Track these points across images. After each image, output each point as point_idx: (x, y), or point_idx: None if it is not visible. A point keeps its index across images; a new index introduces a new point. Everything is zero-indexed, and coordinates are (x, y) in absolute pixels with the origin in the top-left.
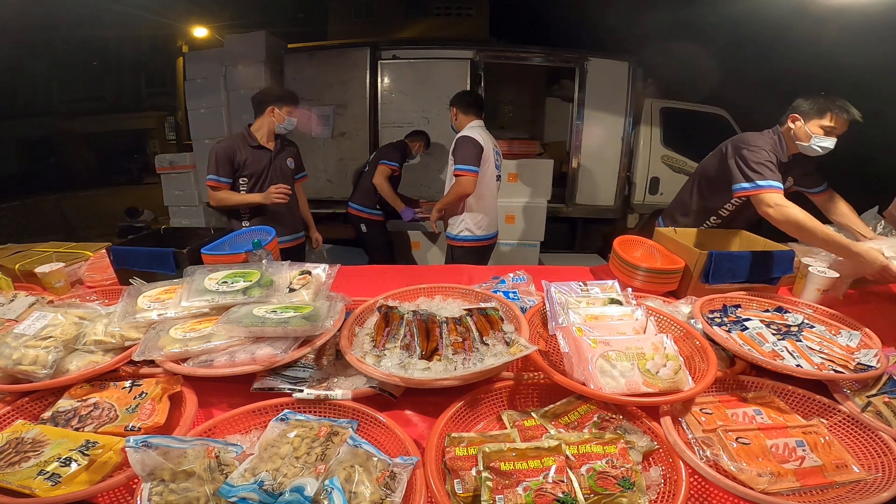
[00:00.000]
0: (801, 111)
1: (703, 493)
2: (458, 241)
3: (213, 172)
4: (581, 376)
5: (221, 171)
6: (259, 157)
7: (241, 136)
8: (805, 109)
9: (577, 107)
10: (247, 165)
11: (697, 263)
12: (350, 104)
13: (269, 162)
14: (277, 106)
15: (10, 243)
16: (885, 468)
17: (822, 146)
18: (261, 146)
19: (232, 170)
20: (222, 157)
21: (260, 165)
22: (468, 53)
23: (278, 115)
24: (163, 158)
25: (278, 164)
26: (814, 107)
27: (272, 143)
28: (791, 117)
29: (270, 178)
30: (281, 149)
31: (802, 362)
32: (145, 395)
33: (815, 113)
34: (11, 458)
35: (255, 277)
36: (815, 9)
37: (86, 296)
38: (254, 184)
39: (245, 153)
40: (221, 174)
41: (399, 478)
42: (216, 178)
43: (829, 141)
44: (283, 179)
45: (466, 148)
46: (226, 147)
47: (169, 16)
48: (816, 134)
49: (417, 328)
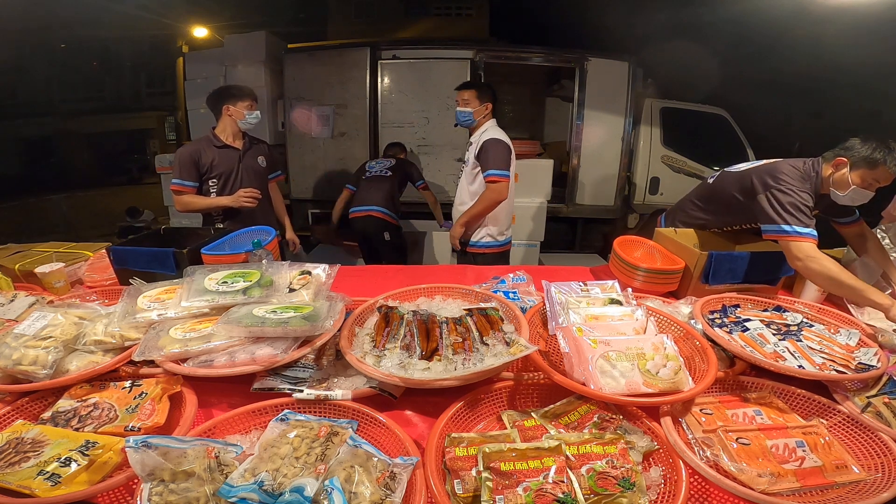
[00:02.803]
0: (853, 156)
1: (703, 494)
2: (480, 247)
3: (176, 176)
4: (581, 376)
5: (185, 175)
6: (227, 157)
7: (206, 139)
8: (858, 156)
9: (577, 107)
10: (214, 166)
11: (697, 264)
12: (350, 104)
13: (238, 160)
14: (231, 103)
15: (10, 243)
16: (884, 468)
17: (856, 199)
18: (227, 145)
19: (198, 173)
20: (186, 160)
21: (229, 165)
22: (468, 53)
23: (235, 112)
24: (163, 158)
25: (248, 162)
26: (870, 156)
27: (240, 142)
28: (837, 161)
29: (241, 178)
30: (249, 147)
31: (804, 363)
32: (145, 395)
33: (867, 163)
34: (11, 458)
35: (255, 277)
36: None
37: (86, 296)
38: (224, 184)
39: (211, 154)
40: (185, 178)
41: (399, 478)
42: (180, 181)
43: (867, 195)
44: (255, 178)
45: (499, 151)
46: (190, 150)
47: (169, 16)
48: (856, 184)
49: (417, 328)
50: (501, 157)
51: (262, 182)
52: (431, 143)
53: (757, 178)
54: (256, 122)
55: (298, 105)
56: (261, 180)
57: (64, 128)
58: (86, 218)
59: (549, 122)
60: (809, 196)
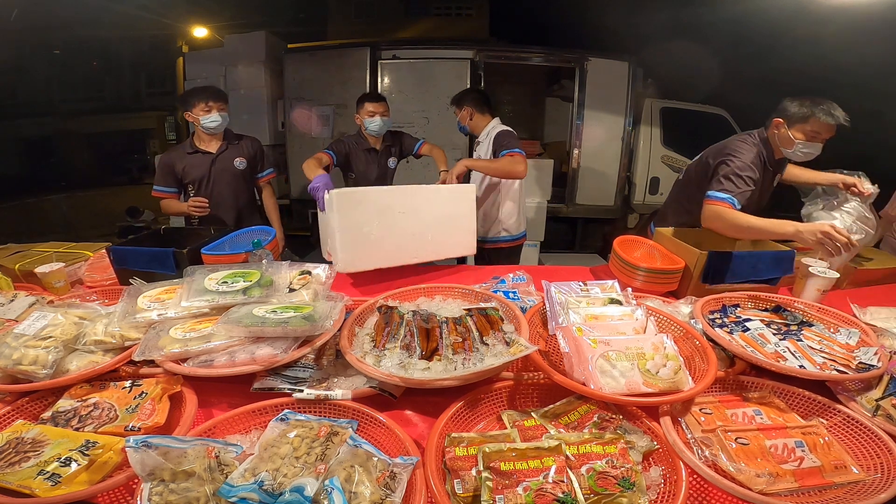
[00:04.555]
0: (786, 115)
1: (703, 494)
2: (497, 242)
3: (157, 183)
4: (581, 376)
5: (164, 182)
6: (196, 163)
7: (182, 144)
8: (790, 114)
9: (577, 107)
10: (186, 173)
11: (697, 263)
12: (350, 104)
13: (209, 165)
14: (188, 109)
15: (10, 243)
16: (883, 469)
17: (805, 152)
18: (197, 150)
19: (175, 179)
20: (163, 167)
21: (200, 171)
22: (468, 53)
23: (193, 117)
24: None
25: (222, 165)
26: (798, 111)
27: (214, 146)
28: (775, 122)
29: (214, 181)
30: (225, 149)
31: (805, 363)
32: (145, 395)
33: (799, 118)
34: (11, 458)
35: (255, 277)
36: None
37: (86, 296)
38: (198, 189)
39: (183, 161)
40: (163, 184)
41: (399, 478)
42: (159, 188)
43: (814, 147)
44: (231, 180)
45: (512, 137)
46: (166, 158)
47: (169, 16)
48: (800, 140)
49: (417, 328)
50: (514, 141)
51: (241, 183)
52: (431, 142)
53: (711, 156)
54: (216, 125)
55: (298, 105)
56: (238, 182)
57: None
58: (86, 218)
59: (549, 122)
60: (749, 165)
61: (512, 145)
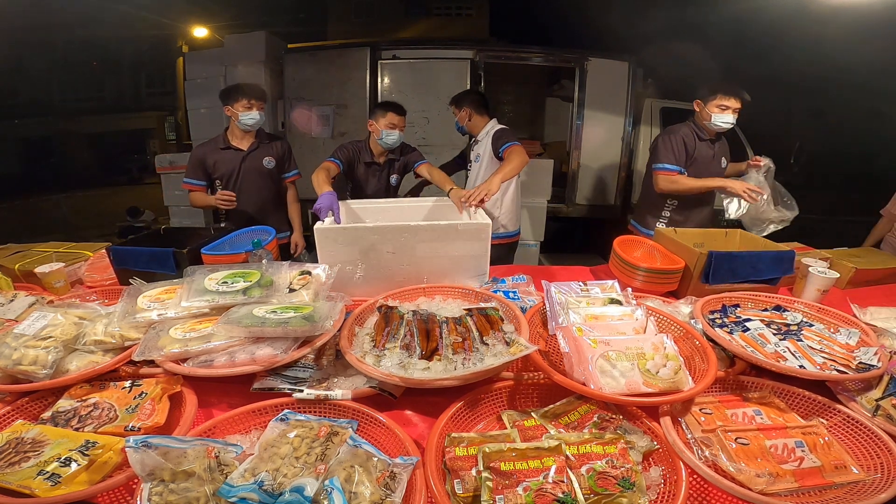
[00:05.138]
0: (701, 97)
1: (703, 493)
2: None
3: (187, 176)
4: (581, 376)
5: (193, 174)
6: (228, 159)
7: (215, 140)
8: (702, 95)
9: (577, 107)
10: (217, 168)
11: (697, 263)
12: (350, 104)
13: (239, 163)
14: (230, 103)
15: (10, 243)
16: (883, 469)
17: (722, 122)
18: (230, 147)
19: (205, 173)
20: (195, 161)
21: (229, 166)
22: (468, 53)
23: (233, 112)
24: (163, 158)
25: (251, 164)
26: (708, 91)
27: (245, 143)
28: (695, 103)
29: (242, 179)
30: (256, 147)
31: (805, 363)
32: (145, 395)
33: (709, 95)
34: (11, 458)
35: (255, 277)
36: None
37: (86, 296)
38: (226, 184)
39: (214, 156)
40: (194, 177)
41: (399, 478)
42: (189, 181)
43: (728, 117)
44: (259, 179)
45: (508, 132)
46: (199, 152)
47: (169, 16)
48: (714, 113)
49: (417, 328)
50: (512, 135)
51: (268, 182)
52: (431, 143)
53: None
54: (253, 122)
55: (298, 105)
56: (265, 180)
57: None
58: (86, 218)
59: (549, 122)
60: (680, 140)
61: (510, 138)
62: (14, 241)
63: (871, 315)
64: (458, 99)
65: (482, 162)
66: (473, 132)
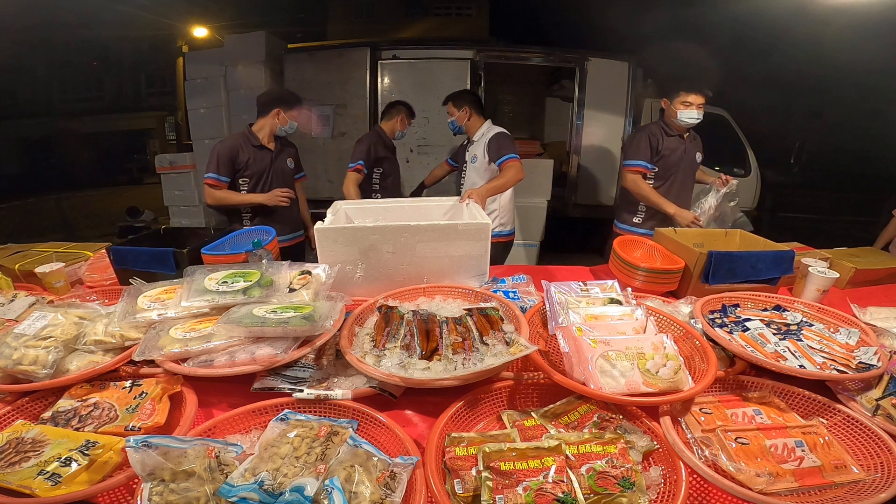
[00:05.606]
0: (667, 96)
1: (703, 493)
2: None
3: (213, 171)
4: (581, 376)
5: (222, 170)
6: (261, 158)
7: (244, 136)
8: (668, 93)
9: (577, 107)
10: (249, 165)
11: (697, 263)
12: (350, 104)
13: (270, 162)
14: (284, 109)
15: (10, 243)
16: (884, 468)
17: (686, 118)
18: (263, 146)
19: (233, 169)
20: (225, 156)
21: (262, 166)
22: (468, 53)
23: (283, 118)
24: (163, 158)
25: (279, 164)
26: (673, 90)
27: (273, 144)
28: (663, 102)
29: (271, 179)
30: (280, 149)
31: (805, 362)
32: (145, 395)
33: (673, 93)
34: (11, 458)
35: (255, 277)
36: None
37: (86, 296)
38: (255, 184)
39: (248, 153)
40: (222, 173)
41: (399, 478)
42: (216, 176)
43: (692, 113)
44: (284, 180)
45: (507, 140)
46: (230, 146)
47: (169, 16)
48: (679, 110)
49: (417, 328)
50: (511, 144)
51: (290, 183)
52: (431, 143)
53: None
54: (292, 132)
55: None
56: (288, 181)
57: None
58: (86, 218)
59: (549, 122)
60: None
61: (511, 150)
62: (14, 241)
63: (871, 315)
64: (456, 98)
65: (477, 164)
66: (470, 133)
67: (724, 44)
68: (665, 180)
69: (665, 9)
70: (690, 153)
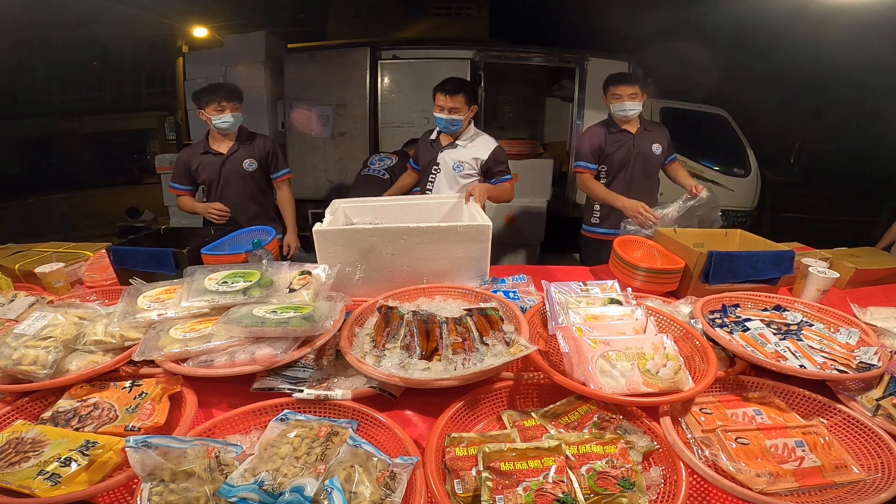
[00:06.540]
0: (604, 93)
1: (704, 493)
2: None
3: (174, 180)
4: (581, 376)
5: (179, 179)
6: (208, 163)
7: (198, 144)
8: (603, 89)
9: (577, 107)
10: (199, 173)
11: (697, 263)
12: (350, 104)
13: (219, 167)
14: (202, 107)
15: (10, 243)
16: (884, 468)
17: (622, 111)
18: (209, 151)
19: (190, 178)
20: (180, 164)
21: (210, 171)
22: (468, 53)
23: (206, 116)
24: (163, 158)
25: (231, 167)
26: (604, 86)
27: (225, 146)
28: (602, 100)
29: (223, 183)
30: (236, 149)
31: (805, 362)
32: (145, 395)
33: (605, 90)
34: (11, 458)
35: (255, 277)
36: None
37: (86, 296)
38: (209, 190)
39: (196, 161)
40: (180, 182)
41: (399, 478)
42: (176, 185)
43: (624, 105)
44: (241, 182)
45: (507, 158)
46: (184, 156)
47: (169, 16)
48: (613, 104)
49: (417, 328)
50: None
51: (249, 185)
52: None
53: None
54: (228, 125)
55: (298, 105)
56: (247, 184)
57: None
58: (86, 218)
59: (549, 122)
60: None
61: (509, 170)
62: (14, 241)
63: (871, 315)
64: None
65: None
66: (457, 135)
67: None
68: (616, 176)
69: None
70: (643, 146)
